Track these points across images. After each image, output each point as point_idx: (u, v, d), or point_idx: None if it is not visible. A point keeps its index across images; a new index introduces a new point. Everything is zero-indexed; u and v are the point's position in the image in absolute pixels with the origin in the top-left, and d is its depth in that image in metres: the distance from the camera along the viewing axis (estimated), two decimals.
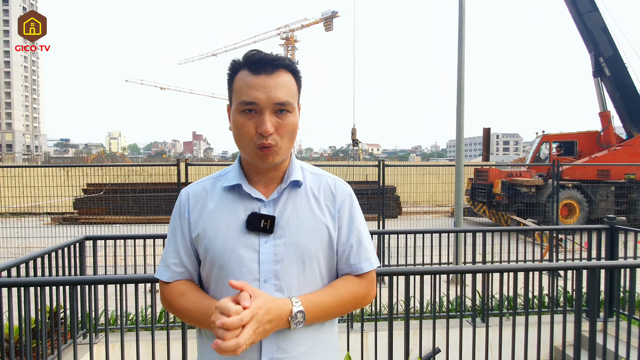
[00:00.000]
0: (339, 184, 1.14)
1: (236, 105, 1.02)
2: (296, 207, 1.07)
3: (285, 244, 1.03)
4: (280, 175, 1.09)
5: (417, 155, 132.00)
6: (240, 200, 1.06)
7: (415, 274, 2.25)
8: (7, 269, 2.50)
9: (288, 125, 1.02)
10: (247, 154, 1.05)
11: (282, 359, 1.03)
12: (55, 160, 55.01)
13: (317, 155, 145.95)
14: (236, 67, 1.03)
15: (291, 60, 1.05)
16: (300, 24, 78.79)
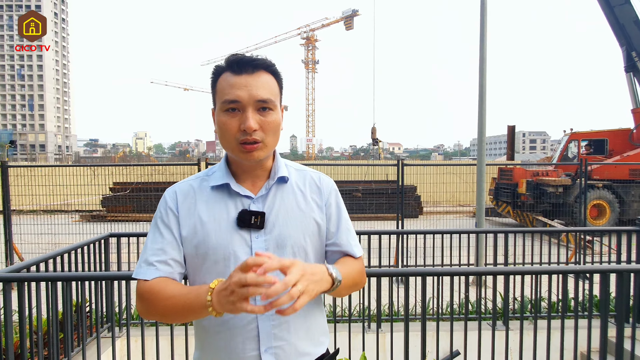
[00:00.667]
0: (324, 178, 1.20)
1: (219, 105, 1.04)
2: (284, 202, 1.11)
3: (275, 239, 1.07)
4: (265, 172, 1.13)
5: (439, 154, 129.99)
6: (229, 198, 1.09)
7: (431, 274, 2.22)
8: (37, 263, 2.62)
9: (271, 122, 1.05)
10: (232, 152, 1.07)
11: (280, 346, 1.06)
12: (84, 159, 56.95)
13: (338, 155, 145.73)
14: (219, 71, 1.07)
15: (272, 62, 1.08)
16: (321, 24, 78.89)
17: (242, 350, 1.04)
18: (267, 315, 1.05)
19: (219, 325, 1.05)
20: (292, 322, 1.07)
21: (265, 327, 1.05)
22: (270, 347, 1.05)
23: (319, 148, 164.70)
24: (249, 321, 1.04)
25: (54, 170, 7.59)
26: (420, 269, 2.23)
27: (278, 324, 1.05)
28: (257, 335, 1.04)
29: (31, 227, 6.85)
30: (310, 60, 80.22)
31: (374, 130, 21.00)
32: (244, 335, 1.04)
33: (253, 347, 1.04)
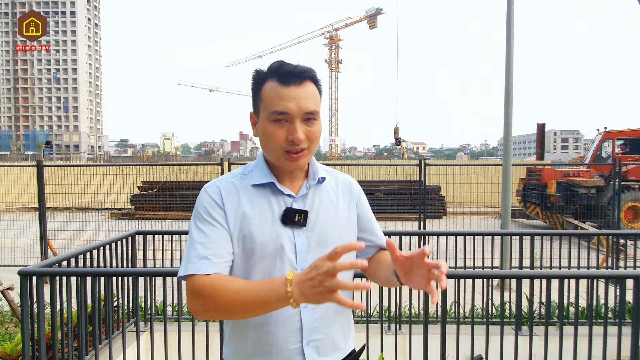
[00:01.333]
0: (352, 181, 1.28)
1: (267, 114, 1.08)
2: (322, 201, 1.17)
3: (317, 236, 1.12)
4: (302, 173, 1.18)
5: (465, 154, 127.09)
6: (272, 196, 1.13)
7: (452, 277, 2.18)
8: (68, 259, 2.74)
9: (316, 132, 1.11)
10: (276, 159, 1.12)
11: (320, 339, 1.11)
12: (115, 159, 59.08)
13: (361, 154, 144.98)
14: (262, 78, 1.09)
15: (315, 72, 1.12)
16: (344, 23, 78.71)
17: (284, 343, 1.07)
18: (310, 309, 1.08)
19: (262, 318, 1.06)
20: (330, 315, 1.11)
21: (308, 321, 1.08)
22: (312, 340, 1.08)
23: (342, 148, 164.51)
24: (293, 314, 1.07)
25: (86, 170, 7.91)
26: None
27: (320, 317, 1.09)
28: (300, 328, 1.07)
29: (64, 223, 7.16)
30: (334, 60, 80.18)
31: (396, 129, 20.78)
32: (287, 328, 1.07)
33: (296, 340, 1.07)
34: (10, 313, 4.07)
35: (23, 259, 6.45)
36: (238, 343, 1.12)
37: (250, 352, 1.10)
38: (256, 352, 1.09)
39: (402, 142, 21.91)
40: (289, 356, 1.07)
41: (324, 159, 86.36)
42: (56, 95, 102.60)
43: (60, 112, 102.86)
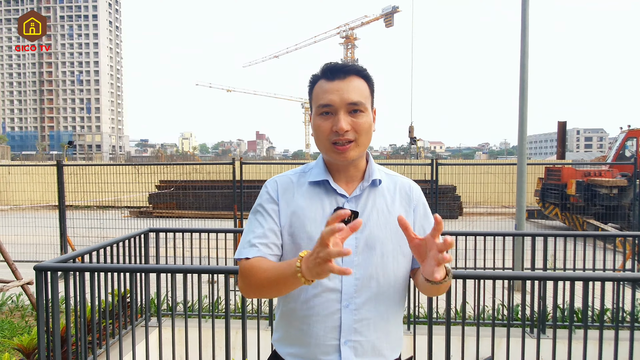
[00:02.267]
0: (414, 186, 1.25)
1: (315, 109, 1.13)
2: (375, 204, 1.16)
3: (365, 238, 1.12)
4: (359, 173, 1.18)
5: (484, 153, 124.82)
6: (325, 195, 1.15)
7: (459, 277, 2.15)
8: (82, 255, 2.83)
9: (363, 124, 1.11)
10: (326, 152, 1.14)
11: (359, 341, 1.11)
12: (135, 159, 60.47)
13: (377, 154, 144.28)
14: (315, 79, 1.15)
15: (363, 68, 1.14)
16: (360, 22, 78.41)
17: (323, 338, 1.09)
18: (351, 310, 1.10)
19: (306, 310, 1.11)
20: (374, 320, 1.11)
21: (347, 320, 1.09)
22: (350, 340, 1.10)
23: None
24: (334, 311, 1.09)
25: (105, 169, 8.12)
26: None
27: (360, 319, 1.10)
28: (339, 326, 1.09)
29: (84, 221, 7.37)
30: (350, 59, 79.94)
31: (411, 128, 20.52)
32: (327, 324, 1.09)
33: (334, 337, 1.09)
34: (30, 307, 4.22)
35: (44, 255, 6.67)
36: (284, 330, 1.18)
37: (294, 340, 1.15)
38: (298, 341, 1.13)
39: (418, 142, 21.62)
40: (326, 351, 1.10)
41: None
42: (79, 97, 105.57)
43: (83, 113, 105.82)
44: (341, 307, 1.10)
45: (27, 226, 7.35)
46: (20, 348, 2.69)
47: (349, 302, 1.10)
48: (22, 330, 3.62)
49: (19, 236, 7.02)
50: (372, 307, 1.12)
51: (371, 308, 1.11)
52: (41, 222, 7.45)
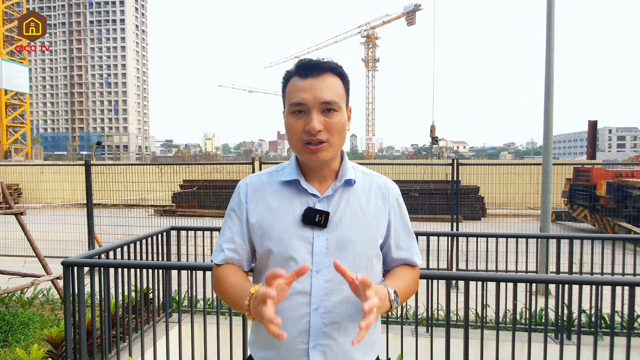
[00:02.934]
0: (389, 185, 1.21)
1: (287, 107, 1.10)
2: (349, 204, 1.13)
3: (337, 239, 1.09)
4: (332, 173, 1.16)
5: (510, 153, 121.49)
6: (296, 195, 1.13)
7: (469, 279, 2.10)
8: (107, 251, 2.92)
9: (336, 124, 1.07)
10: (298, 152, 1.12)
11: (328, 345, 1.08)
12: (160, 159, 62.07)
13: (399, 154, 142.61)
14: (288, 76, 1.12)
15: (337, 64, 1.10)
16: (382, 20, 77.84)
17: (292, 342, 1.07)
18: (320, 313, 1.07)
19: (275, 313, 1.08)
20: (344, 323, 1.08)
21: (316, 324, 1.07)
22: (319, 344, 1.07)
23: (379, 147, 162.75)
24: (303, 315, 1.07)
25: (131, 168, 8.36)
26: (458, 273, 2.13)
27: (329, 322, 1.07)
28: (308, 330, 1.07)
29: (111, 219, 7.61)
30: (371, 58, 79.45)
31: (432, 128, 20.22)
32: (296, 327, 1.07)
33: (303, 341, 1.07)
34: (59, 301, 4.39)
35: (72, 251, 6.92)
36: (257, 333, 1.17)
37: (266, 343, 1.13)
38: (269, 345, 1.12)
39: (440, 141, 21.29)
40: (296, 355, 1.08)
41: (360, 158, 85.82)
42: (107, 99, 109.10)
43: (111, 115, 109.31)
44: (310, 310, 1.07)
45: (58, 223, 7.65)
46: (49, 339, 2.81)
47: (319, 305, 1.07)
48: (51, 323, 3.77)
49: (49, 233, 7.32)
50: (343, 311, 1.08)
51: (342, 311, 1.08)
52: (71, 220, 7.74)
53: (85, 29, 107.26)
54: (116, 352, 2.62)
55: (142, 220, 8.33)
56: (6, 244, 6.43)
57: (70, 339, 2.52)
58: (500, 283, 2.03)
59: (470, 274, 2.12)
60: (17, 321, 3.74)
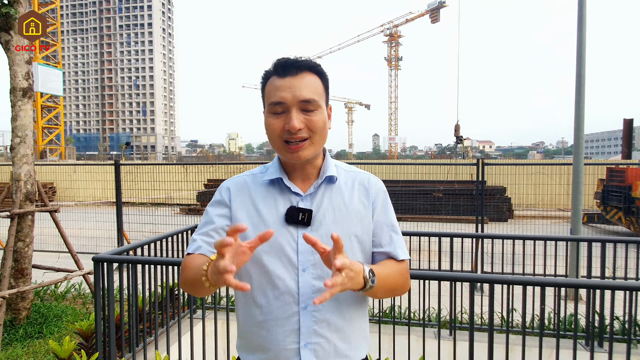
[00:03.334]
0: (372, 179, 1.19)
1: (267, 107, 1.10)
2: (332, 201, 1.13)
3: (321, 236, 1.08)
4: (315, 172, 1.16)
5: (538, 153, 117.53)
6: (280, 194, 1.13)
7: (501, 283, 2.05)
8: (134, 248, 3.02)
9: (316, 122, 1.07)
10: (278, 151, 1.11)
11: (319, 343, 1.07)
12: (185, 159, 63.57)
13: (422, 153, 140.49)
14: (267, 76, 1.11)
15: (315, 63, 1.09)
16: (405, 19, 76.90)
17: (282, 342, 1.06)
18: (309, 311, 1.06)
19: (264, 314, 1.08)
20: (334, 321, 1.08)
21: (306, 322, 1.06)
22: (310, 343, 1.06)
23: (401, 147, 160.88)
24: (292, 314, 1.06)
25: (158, 168, 8.60)
26: (486, 276, 2.08)
27: (319, 320, 1.07)
28: (298, 330, 1.06)
29: (139, 217, 7.86)
30: (393, 57, 78.66)
31: (457, 127, 19.81)
32: (286, 328, 1.06)
33: (293, 341, 1.06)
34: (90, 295, 4.56)
35: (103, 247, 7.19)
36: (244, 337, 1.15)
37: (254, 346, 1.12)
38: (259, 347, 1.10)
39: (464, 141, 20.85)
40: (286, 355, 1.07)
41: (383, 158, 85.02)
42: (136, 101, 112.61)
43: (139, 116, 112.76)
44: (299, 309, 1.06)
45: (89, 220, 7.96)
46: (80, 332, 2.92)
47: (307, 304, 1.07)
48: (82, 316, 3.93)
49: (82, 229, 7.63)
50: (332, 308, 1.08)
51: (331, 308, 1.08)
52: (101, 217, 8.03)
53: (115, 33, 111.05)
54: (143, 346, 2.70)
55: (168, 218, 8.55)
56: (41, 239, 6.74)
57: (100, 332, 2.61)
58: (527, 287, 1.97)
59: (495, 277, 2.07)
60: (51, 314, 3.91)
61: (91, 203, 10.73)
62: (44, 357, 3.21)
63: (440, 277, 2.17)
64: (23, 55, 3.70)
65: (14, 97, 3.70)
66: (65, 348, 2.68)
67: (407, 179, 10.38)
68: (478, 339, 2.98)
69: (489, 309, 2.07)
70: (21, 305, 3.74)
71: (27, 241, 3.75)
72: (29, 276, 3.79)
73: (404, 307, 4.02)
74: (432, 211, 11.10)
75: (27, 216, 3.74)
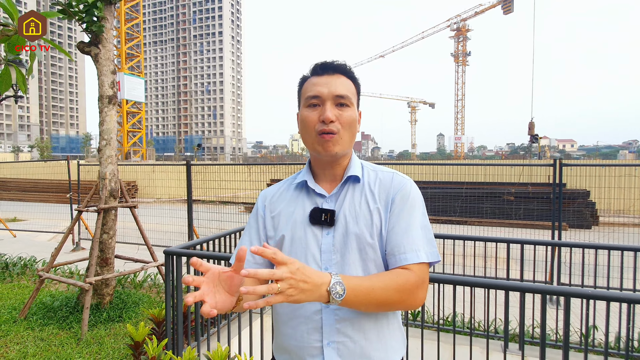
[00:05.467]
0: (396, 177, 1.17)
1: (303, 102, 1.16)
2: (354, 200, 1.14)
3: (342, 235, 1.10)
4: (342, 172, 1.19)
5: (631, 152, 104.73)
6: (307, 196, 1.18)
7: (570, 295, 1.84)
8: (201, 243, 3.21)
9: (347, 117, 1.12)
10: (311, 144, 1.15)
11: (342, 342, 1.07)
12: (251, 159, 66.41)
13: (492, 153, 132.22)
14: (304, 78, 1.19)
15: (350, 68, 1.18)
16: (474, 11, 72.93)
17: (307, 340, 1.09)
18: (332, 309, 1.07)
19: (289, 313, 1.12)
20: (357, 320, 1.07)
21: (328, 320, 1.07)
22: (333, 342, 1.07)
23: (469, 147, 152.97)
24: (315, 312, 1.08)
25: (224, 168, 9.08)
26: (561, 288, 1.88)
27: (340, 319, 1.07)
28: (321, 327, 1.08)
29: (207, 214, 8.36)
30: (461, 52, 75.03)
31: (531, 125, 18.29)
32: (309, 325, 1.09)
33: (317, 339, 1.08)
34: (163, 285, 4.94)
35: (175, 241, 7.75)
36: (277, 337, 1.19)
37: (284, 345, 1.15)
38: (287, 346, 1.14)
39: (540, 139, 19.19)
40: (311, 353, 1.09)
41: (448, 158, 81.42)
42: (207, 105, 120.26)
43: (210, 119, 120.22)
44: (322, 307, 1.08)
45: (164, 216, 8.62)
46: (153, 319, 3.17)
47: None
48: (156, 304, 4.26)
49: (158, 224, 8.29)
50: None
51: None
52: (175, 214, 8.67)
53: (190, 42, 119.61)
54: (207, 336, 2.86)
55: (233, 216, 8.99)
56: (123, 232, 7.45)
57: (170, 320, 2.81)
58: (610, 302, 1.75)
59: (571, 290, 1.86)
60: (130, 300, 4.30)
61: (167, 200, 11.64)
62: (123, 339, 3.54)
63: (509, 287, 2.01)
64: (109, 66, 4.11)
65: (101, 104, 4.12)
66: (140, 332, 2.92)
67: (474, 180, 9.82)
68: (551, 356, 2.72)
69: (564, 324, 1.88)
70: (105, 291, 4.16)
71: (110, 233, 4.15)
72: (112, 265, 4.20)
73: (467, 316, 3.80)
74: (502, 215, 10.40)
75: (111, 211, 4.14)
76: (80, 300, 4.08)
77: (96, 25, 3.97)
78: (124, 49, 37.06)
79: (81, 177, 9.37)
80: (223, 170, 9.20)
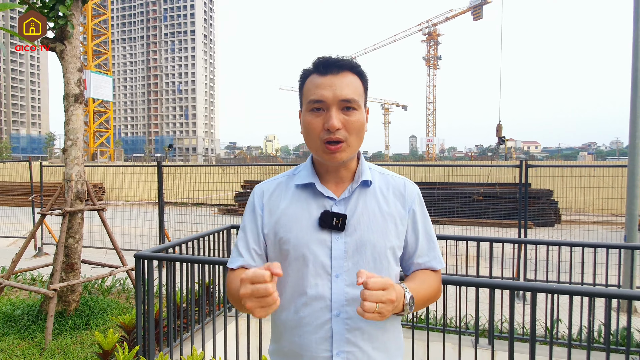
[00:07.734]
0: (408, 184, 1.17)
1: (305, 105, 1.08)
2: (366, 206, 1.09)
3: (355, 242, 1.06)
4: (349, 174, 1.12)
5: (590, 154, 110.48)
6: (313, 198, 1.10)
7: (536, 290, 1.93)
8: (173, 246, 3.13)
9: (355, 122, 1.04)
10: (315, 152, 1.08)
11: (352, 352, 1.05)
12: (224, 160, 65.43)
13: (461, 155, 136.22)
14: (306, 74, 1.09)
15: (357, 63, 1.08)
16: (445, 17, 74.99)
17: (315, 350, 1.05)
18: (342, 319, 1.04)
19: (296, 320, 1.07)
20: (367, 329, 1.06)
21: (338, 330, 1.04)
22: (342, 351, 1.04)
23: (440, 148, 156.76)
24: (324, 321, 1.05)
25: (197, 169, 8.90)
26: (528, 284, 1.96)
27: (351, 328, 1.05)
28: (331, 337, 1.04)
29: (179, 216, 8.17)
30: (432, 56, 76.92)
31: (499, 127, 19.00)
32: (318, 335, 1.05)
33: (326, 348, 1.05)
34: (133, 290, 4.79)
35: (146, 245, 7.52)
36: (277, 342, 1.14)
37: (286, 352, 1.11)
38: (291, 353, 1.09)
39: (507, 141, 19.93)
40: None
41: (420, 159, 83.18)
42: (179, 105, 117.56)
43: (181, 119, 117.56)
44: (332, 316, 1.04)
45: (134, 219, 8.36)
46: (123, 325, 3.07)
47: (340, 311, 1.04)
48: (125, 310, 4.12)
49: (127, 228, 8.03)
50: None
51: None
52: (145, 216, 8.42)
53: (161, 40, 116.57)
54: (179, 342, 2.79)
55: (206, 218, 8.83)
56: (90, 236, 7.17)
57: (140, 326, 2.73)
58: (573, 296, 1.84)
59: (538, 285, 1.95)
60: (98, 307, 4.14)
61: (136, 202, 11.29)
62: (90, 347, 3.40)
63: (479, 284, 2.08)
64: (76, 64, 3.95)
65: (67, 103, 3.95)
66: (109, 340, 2.82)
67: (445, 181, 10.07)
68: (519, 350, 2.82)
69: (531, 319, 1.96)
70: (71, 297, 3.99)
71: (76, 237, 3.99)
72: (78, 270, 4.03)
73: (439, 313, 3.90)
74: (471, 215, 10.73)
75: (77, 214, 3.98)
76: (44, 308, 3.89)
77: (63, 19, 3.81)
78: (91, 46, 35.70)
79: (44, 179, 8.94)
80: (196, 171, 9.01)
